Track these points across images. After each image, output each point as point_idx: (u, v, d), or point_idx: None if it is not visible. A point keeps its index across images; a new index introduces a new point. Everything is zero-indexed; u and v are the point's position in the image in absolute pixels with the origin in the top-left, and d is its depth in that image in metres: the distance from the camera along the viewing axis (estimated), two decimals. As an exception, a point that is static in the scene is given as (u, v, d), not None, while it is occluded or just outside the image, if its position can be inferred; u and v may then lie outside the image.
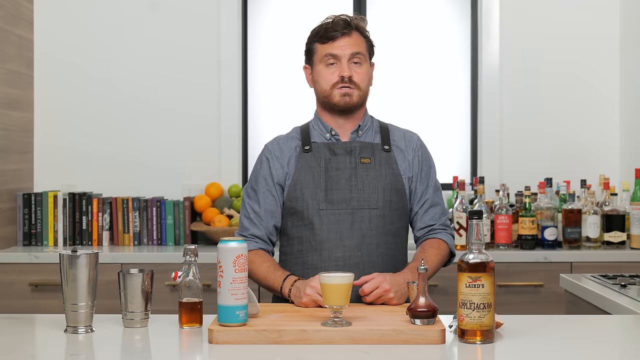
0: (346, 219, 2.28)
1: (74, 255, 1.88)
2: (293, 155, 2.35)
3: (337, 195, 2.28)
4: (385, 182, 2.31)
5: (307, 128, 2.41)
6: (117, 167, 4.06)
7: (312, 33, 2.38)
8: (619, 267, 3.39)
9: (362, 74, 2.32)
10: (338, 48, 2.30)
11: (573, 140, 4.08)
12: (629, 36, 4.00)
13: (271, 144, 2.41)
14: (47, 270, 3.50)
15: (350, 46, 2.30)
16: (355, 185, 2.29)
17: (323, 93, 2.34)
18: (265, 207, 2.34)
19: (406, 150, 2.38)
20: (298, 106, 4.12)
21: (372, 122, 2.42)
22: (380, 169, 2.32)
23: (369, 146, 2.35)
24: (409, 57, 4.22)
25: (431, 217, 2.38)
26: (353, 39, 2.32)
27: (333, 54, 2.30)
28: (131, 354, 1.77)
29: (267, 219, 2.33)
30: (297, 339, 1.76)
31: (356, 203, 2.28)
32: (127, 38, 4.09)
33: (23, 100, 3.93)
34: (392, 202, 2.31)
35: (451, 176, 4.01)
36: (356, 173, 2.31)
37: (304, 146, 2.35)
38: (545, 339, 1.83)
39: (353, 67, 2.31)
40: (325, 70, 2.32)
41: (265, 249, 2.35)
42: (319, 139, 2.37)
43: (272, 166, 2.35)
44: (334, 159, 2.32)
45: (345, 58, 2.30)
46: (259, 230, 2.34)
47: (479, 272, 1.74)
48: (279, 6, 4.24)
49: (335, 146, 2.34)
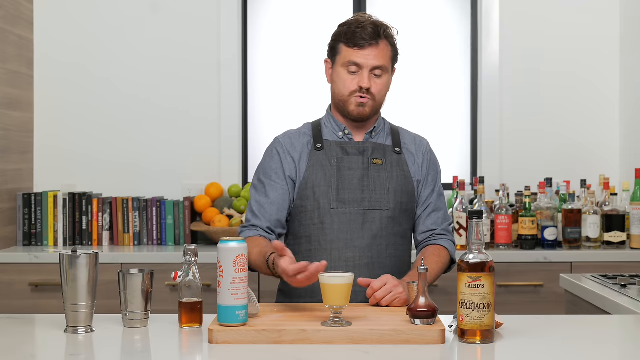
0: (357, 219, 2.27)
1: (74, 255, 1.88)
2: (305, 151, 2.33)
3: (349, 195, 2.28)
4: (397, 183, 2.31)
5: (319, 125, 2.39)
6: (117, 167, 4.06)
7: (340, 31, 2.32)
8: (619, 267, 3.39)
9: (381, 86, 2.29)
10: (362, 57, 2.26)
11: (573, 140, 4.08)
12: (629, 36, 4.00)
13: (282, 138, 2.38)
14: (47, 270, 3.50)
15: (374, 57, 2.27)
16: (367, 186, 2.29)
17: (340, 97, 2.32)
18: (273, 199, 2.30)
19: (416, 154, 2.38)
20: (298, 106, 4.12)
21: (384, 125, 2.42)
22: (392, 171, 2.32)
23: (381, 147, 2.34)
24: (409, 57, 4.21)
25: (434, 222, 2.38)
26: (379, 49, 2.28)
27: (357, 63, 2.27)
28: (131, 354, 1.77)
29: (271, 211, 2.29)
30: (297, 339, 1.76)
31: (368, 203, 2.28)
32: (127, 38, 4.09)
33: (23, 100, 3.93)
34: (402, 203, 2.31)
35: (451, 176, 4.01)
36: (368, 174, 2.30)
37: (315, 144, 2.33)
38: (545, 339, 1.83)
39: (373, 79, 2.28)
40: (346, 76, 2.29)
41: (264, 237, 2.29)
42: (331, 137, 2.36)
43: (284, 159, 2.32)
44: (346, 158, 2.31)
45: (367, 69, 2.27)
46: (259, 222, 2.29)
47: (479, 272, 1.74)
48: (279, 6, 4.24)
49: (348, 145, 2.33)
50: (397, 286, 2.08)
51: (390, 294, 2.06)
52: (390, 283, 2.08)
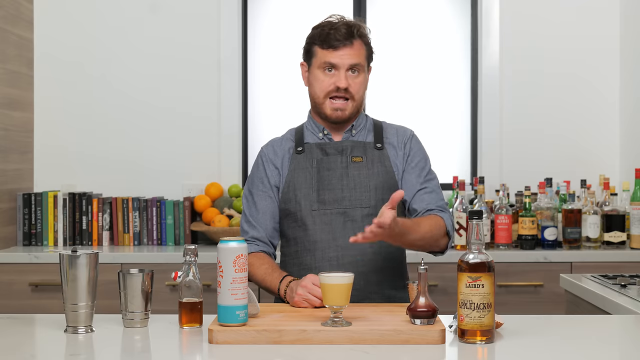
0: (338, 218, 2.28)
1: (74, 255, 1.88)
2: (286, 156, 2.36)
3: (329, 196, 2.29)
4: (377, 180, 2.30)
5: (302, 129, 2.41)
6: (117, 167, 4.06)
7: (313, 33, 2.34)
8: (619, 267, 3.39)
9: (359, 85, 2.31)
10: (338, 57, 2.28)
11: (573, 140, 4.08)
12: (629, 36, 4.00)
13: (266, 147, 2.42)
14: (47, 270, 3.50)
15: (350, 57, 2.28)
16: (347, 185, 2.29)
17: (316, 99, 2.33)
18: (263, 209, 2.34)
19: (398, 146, 2.36)
20: (298, 106, 4.11)
21: (367, 121, 2.41)
22: (372, 167, 2.31)
23: (361, 145, 2.34)
24: (409, 57, 4.22)
25: (428, 202, 2.30)
26: (354, 49, 2.29)
27: (332, 64, 2.29)
28: (131, 354, 1.77)
29: (265, 221, 2.34)
30: (297, 339, 1.76)
31: (348, 202, 2.28)
32: (127, 38, 4.09)
33: (23, 100, 3.93)
34: (384, 200, 2.27)
35: (451, 176, 4.01)
36: (347, 172, 2.30)
37: (297, 147, 2.36)
38: (545, 339, 1.83)
39: (350, 77, 2.29)
40: (322, 76, 2.30)
41: (266, 251, 2.35)
42: (312, 140, 2.38)
43: (267, 169, 2.36)
44: (325, 159, 2.32)
45: (343, 68, 2.28)
46: (258, 232, 2.34)
47: (479, 272, 1.74)
48: (279, 6, 4.24)
49: (327, 146, 2.34)
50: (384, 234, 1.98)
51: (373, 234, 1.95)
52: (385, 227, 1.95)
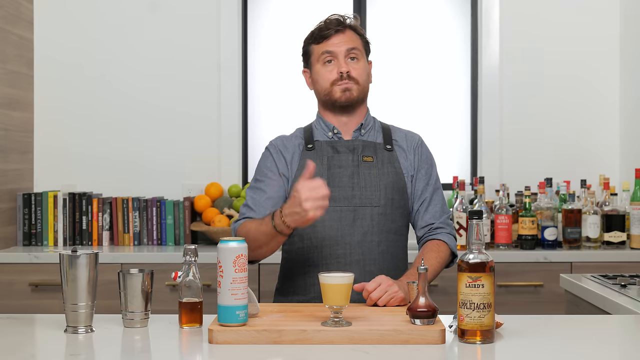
0: (348, 216, 2.28)
1: (74, 255, 1.88)
2: (296, 152, 2.36)
3: (339, 193, 2.29)
4: (387, 180, 2.32)
5: (310, 128, 2.42)
6: (117, 167, 4.06)
7: (307, 37, 2.41)
8: (619, 267, 3.39)
9: (360, 69, 2.34)
10: (333, 45, 2.32)
11: (573, 140, 4.08)
12: (629, 37, 4.00)
13: (275, 141, 2.42)
14: (47, 270, 3.50)
15: (345, 42, 2.33)
16: (357, 183, 2.30)
17: (324, 91, 2.35)
18: (268, 194, 2.31)
19: (407, 150, 2.39)
20: (298, 106, 4.12)
21: (375, 123, 2.43)
22: (383, 167, 2.33)
23: (372, 145, 2.36)
24: (408, 57, 4.22)
25: (432, 216, 2.37)
26: (347, 36, 2.35)
27: (329, 51, 2.32)
28: (131, 354, 1.77)
29: (266, 205, 2.29)
30: (297, 339, 1.76)
31: (358, 200, 2.29)
32: (127, 38, 4.09)
33: (23, 100, 3.93)
34: (393, 200, 2.31)
35: (451, 176, 4.01)
36: (358, 171, 2.31)
37: (307, 144, 2.36)
38: (545, 339, 1.83)
39: (350, 63, 2.33)
40: (323, 69, 2.34)
41: None
42: (322, 138, 2.38)
43: (277, 159, 2.36)
44: (336, 156, 2.33)
45: (341, 54, 2.32)
46: (254, 214, 2.28)
47: (479, 272, 1.74)
48: (279, 6, 4.24)
49: (338, 144, 2.35)
50: (392, 285, 2.08)
51: (386, 294, 2.06)
52: (385, 282, 2.08)
